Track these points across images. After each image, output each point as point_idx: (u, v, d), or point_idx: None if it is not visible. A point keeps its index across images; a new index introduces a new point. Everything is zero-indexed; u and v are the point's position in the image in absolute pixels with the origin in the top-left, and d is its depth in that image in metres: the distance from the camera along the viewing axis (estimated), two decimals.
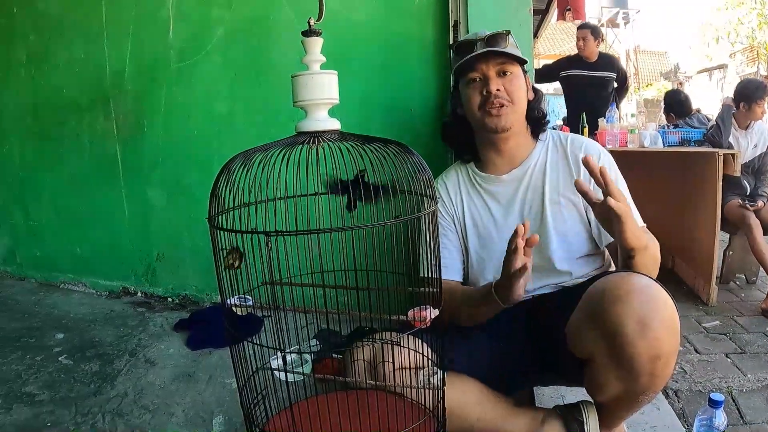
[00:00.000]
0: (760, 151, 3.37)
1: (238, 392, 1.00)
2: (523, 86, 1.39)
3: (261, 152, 0.92)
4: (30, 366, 1.81)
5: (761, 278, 3.34)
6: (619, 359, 1.04)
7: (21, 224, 2.69)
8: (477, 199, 1.46)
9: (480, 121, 1.39)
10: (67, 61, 2.41)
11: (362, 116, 1.96)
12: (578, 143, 1.42)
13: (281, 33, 2.07)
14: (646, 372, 1.03)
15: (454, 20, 1.85)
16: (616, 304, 1.03)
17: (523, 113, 1.40)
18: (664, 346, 1.02)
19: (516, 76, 1.37)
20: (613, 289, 1.06)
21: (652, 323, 1.01)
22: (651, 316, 1.01)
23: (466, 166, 1.51)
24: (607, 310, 1.04)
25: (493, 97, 1.34)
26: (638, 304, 1.02)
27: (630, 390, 1.09)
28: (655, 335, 1.01)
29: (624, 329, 1.01)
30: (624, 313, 1.02)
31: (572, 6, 6.21)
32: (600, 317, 1.06)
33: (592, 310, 1.10)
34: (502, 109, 1.34)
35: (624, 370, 1.05)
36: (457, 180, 1.50)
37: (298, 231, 0.84)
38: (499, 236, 1.40)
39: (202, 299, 2.37)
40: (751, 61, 14.06)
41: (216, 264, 0.93)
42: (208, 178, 1.01)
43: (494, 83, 1.34)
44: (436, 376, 1.05)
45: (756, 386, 2.05)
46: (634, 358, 1.02)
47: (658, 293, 1.05)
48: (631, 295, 1.03)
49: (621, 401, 1.15)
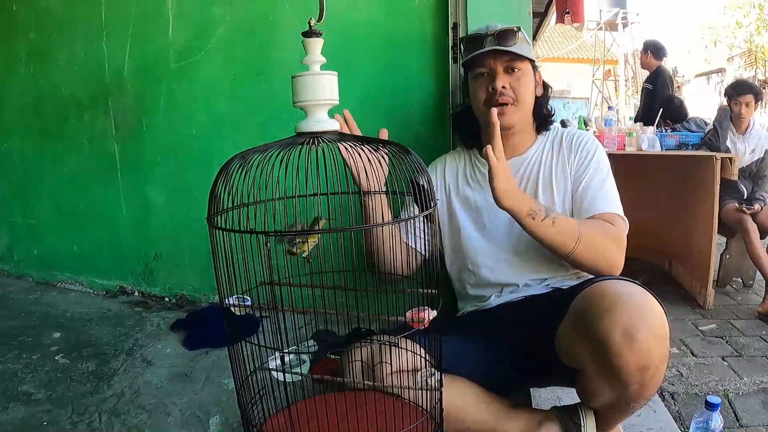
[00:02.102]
0: (758, 155, 3.38)
1: (236, 392, 1.00)
2: (529, 84, 1.39)
3: (260, 152, 0.92)
4: (26, 365, 1.81)
5: (758, 282, 3.34)
6: (607, 370, 1.04)
7: (19, 222, 2.68)
8: (472, 179, 1.48)
9: (484, 117, 1.39)
10: (67, 59, 2.41)
11: (362, 117, 1.95)
12: (572, 133, 1.45)
13: (282, 32, 2.07)
14: (635, 381, 1.03)
15: (453, 22, 1.85)
16: (603, 316, 1.02)
17: (528, 111, 1.41)
18: (652, 356, 1.01)
19: (524, 73, 1.37)
20: (600, 300, 1.06)
21: (638, 334, 0.99)
22: (637, 327, 1.00)
23: (469, 152, 1.53)
24: (593, 323, 1.03)
25: (498, 95, 1.34)
26: (625, 315, 1.01)
27: (621, 398, 1.09)
28: (642, 346, 1.00)
29: (610, 341, 1.00)
30: (610, 326, 1.01)
31: (571, 9, 6.22)
32: (587, 329, 1.05)
33: (579, 322, 1.10)
34: (506, 107, 1.35)
35: (613, 381, 1.05)
36: (456, 161, 1.53)
37: (297, 231, 0.84)
38: (491, 220, 1.41)
39: (200, 299, 2.37)
40: (749, 65, 14.11)
41: (215, 264, 0.93)
42: (207, 177, 1.01)
43: (500, 80, 1.34)
44: (433, 378, 1.05)
45: (752, 389, 2.06)
46: (622, 369, 1.01)
47: (645, 302, 1.04)
48: (618, 307, 1.02)
49: (613, 408, 1.16)
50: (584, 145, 1.40)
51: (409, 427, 0.98)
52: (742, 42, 14.69)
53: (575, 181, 1.38)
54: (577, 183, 1.37)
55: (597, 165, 1.37)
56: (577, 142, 1.41)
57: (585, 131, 1.52)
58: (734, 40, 14.79)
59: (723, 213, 3.13)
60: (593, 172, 1.36)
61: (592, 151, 1.39)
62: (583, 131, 1.49)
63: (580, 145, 1.40)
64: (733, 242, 3.33)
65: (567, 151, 1.41)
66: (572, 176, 1.38)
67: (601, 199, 1.33)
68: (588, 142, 1.42)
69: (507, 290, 1.41)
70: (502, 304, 1.41)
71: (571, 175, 1.39)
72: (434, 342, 1.04)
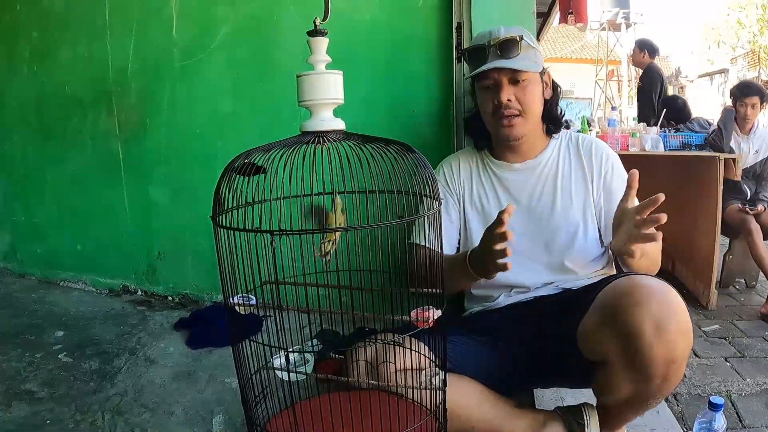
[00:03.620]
0: (762, 156, 3.37)
1: (239, 391, 1.00)
2: (536, 92, 1.37)
3: (265, 151, 0.92)
4: (30, 363, 1.81)
5: (761, 282, 3.34)
6: (634, 362, 1.05)
7: (22, 221, 2.68)
8: (487, 183, 1.47)
9: (492, 128, 1.40)
10: (70, 58, 2.41)
11: (366, 116, 1.96)
12: (588, 142, 1.45)
13: (286, 32, 2.07)
14: (660, 375, 1.04)
15: (457, 22, 1.85)
16: (635, 307, 1.04)
17: (536, 121, 1.41)
18: (678, 350, 1.03)
19: (530, 81, 1.35)
20: (631, 292, 1.07)
21: (669, 327, 1.01)
22: (668, 320, 1.02)
23: (481, 152, 1.52)
24: (625, 313, 1.05)
25: (503, 108, 1.34)
26: (656, 307, 1.03)
27: (641, 392, 1.10)
28: (672, 338, 1.02)
29: (642, 332, 1.02)
30: (642, 317, 1.02)
31: (574, 9, 6.22)
32: (617, 320, 1.06)
33: (608, 313, 1.10)
34: (512, 119, 1.35)
35: (638, 373, 1.06)
36: (469, 161, 1.52)
37: (302, 230, 0.84)
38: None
39: (203, 298, 2.37)
40: (752, 65, 14.08)
41: (219, 263, 0.93)
42: (210, 176, 1.01)
43: (505, 93, 1.33)
44: (437, 377, 1.05)
45: (755, 390, 2.05)
46: (650, 361, 1.03)
47: (674, 298, 1.05)
48: (650, 299, 1.04)
49: (630, 403, 1.15)
50: (607, 158, 1.41)
51: (412, 427, 0.97)
52: (745, 42, 14.66)
53: (607, 196, 1.38)
54: (613, 200, 1.33)
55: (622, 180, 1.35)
56: (599, 153, 1.41)
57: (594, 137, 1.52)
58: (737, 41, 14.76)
59: (726, 214, 3.12)
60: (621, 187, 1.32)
61: (617, 165, 1.41)
62: (593, 138, 1.49)
63: (602, 158, 1.41)
64: (736, 243, 3.32)
65: (588, 160, 1.41)
66: (599, 188, 1.39)
67: None
68: (609, 154, 1.42)
69: (516, 291, 1.41)
70: (511, 304, 1.41)
71: (596, 187, 1.39)
72: (438, 341, 1.04)
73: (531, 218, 1.40)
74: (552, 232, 1.38)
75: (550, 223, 1.38)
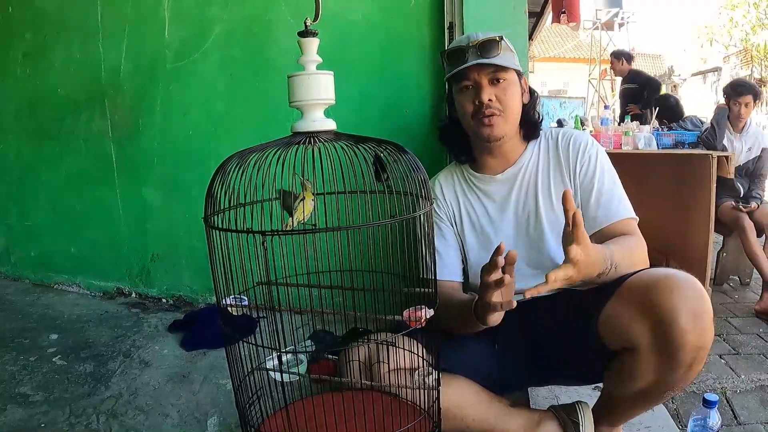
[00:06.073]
0: (755, 154, 3.38)
1: (234, 392, 1.00)
2: (516, 93, 1.37)
3: (257, 152, 0.92)
4: (24, 367, 1.80)
5: (755, 280, 3.35)
6: (665, 348, 1.06)
7: (16, 224, 2.67)
8: (473, 198, 1.46)
9: (473, 130, 1.38)
10: (63, 60, 2.40)
11: (358, 117, 1.96)
12: (568, 136, 1.42)
13: (278, 32, 2.07)
14: (687, 363, 1.06)
15: (449, 22, 1.85)
16: (672, 293, 1.06)
17: (516, 121, 1.39)
18: (707, 338, 1.05)
19: (510, 83, 1.35)
20: (665, 280, 1.09)
21: (703, 315, 1.04)
22: (702, 308, 1.05)
23: (461, 167, 1.50)
24: (659, 299, 1.06)
25: (484, 107, 1.33)
26: (692, 295, 1.05)
27: (663, 381, 1.10)
28: (705, 326, 1.04)
29: (679, 318, 1.03)
30: (679, 304, 1.04)
31: (567, 9, 6.22)
32: (650, 306, 1.07)
33: (638, 300, 1.11)
34: (493, 118, 1.33)
35: (667, 359, 1.07)
36: (452, 180, 1.50)
37: (294, 231, 0.84)
38: (495, 234, 1.40)
39: (197, 300, 2.37)
40: (745, 63, 14.15)
41: (212, 264, 0.93)
42: (204, 177, 1.01)
43: (486, 93, 1.32)
44: (431, 377, 1.05)
45: (750, 387, 2.06)
46: (683, 346, 1.04)
47: (702, 289, 1.08)
48: (686, 287, 1.06)
49: (645, 394, 1.15)
50: (584, 150, 1.38)
51: (406, 426, 0.98)
52: (738, 41, 14.73)
53: (583, 191, 1.36)
54: (587, 193, 1.34)
55: (601, 170, 1.35)
56: (576, 146, 1.39)
57: (581, 131, 1.49)
58: (730, 39, 14.83)
59: (720, 211, 3.13)
60: (600, 179, 1.34)
61: (594, 156, 1.37)
62: (578, 131, 1.47)
63: (579, 151, 1.38)
64: (730, 240, 3.34)
65: (565, 155, 1.39)
66: (575, 184, 1.37)
67: (615, 205, 1.33)
68: (587, 145, 1.39)
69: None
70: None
71: (573, 183, 1.37)
72: (432, 341, 1.04)
73: (519, 228, 1.40)
74: (540, 237, 1.37)
75: (537, 228, 1.37)
